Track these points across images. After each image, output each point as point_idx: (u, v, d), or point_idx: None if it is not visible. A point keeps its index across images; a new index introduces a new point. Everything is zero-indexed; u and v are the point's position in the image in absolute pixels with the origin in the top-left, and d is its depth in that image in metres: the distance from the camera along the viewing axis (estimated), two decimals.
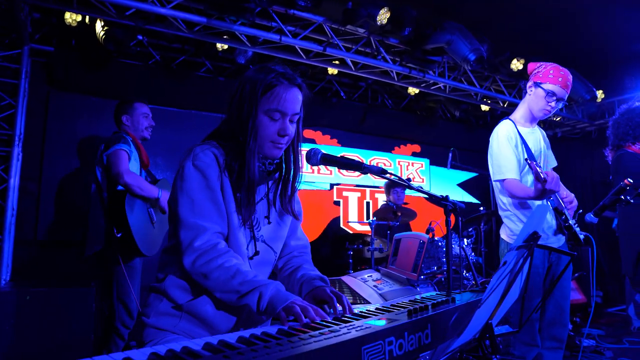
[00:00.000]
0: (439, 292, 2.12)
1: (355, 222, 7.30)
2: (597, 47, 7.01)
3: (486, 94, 6.99)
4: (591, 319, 6.58)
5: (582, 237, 3.03)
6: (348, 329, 1.19)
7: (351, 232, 7.36)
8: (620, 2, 5.85)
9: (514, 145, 3.05)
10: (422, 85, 6.61)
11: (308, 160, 1.85)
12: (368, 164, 1.91)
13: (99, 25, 4.90)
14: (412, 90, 7.12)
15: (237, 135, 1.72)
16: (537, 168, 2.47)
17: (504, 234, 3.18)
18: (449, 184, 8.62)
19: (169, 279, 1.68)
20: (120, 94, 4.63)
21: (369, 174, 1.93)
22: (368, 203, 7.63)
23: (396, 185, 6.23)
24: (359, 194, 7.61)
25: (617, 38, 6.82)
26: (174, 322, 1.63)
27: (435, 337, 1.34)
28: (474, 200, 8.77)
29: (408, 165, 8.24)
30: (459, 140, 8.21)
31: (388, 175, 1.96)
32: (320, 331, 1.19)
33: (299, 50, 5.55)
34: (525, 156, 3.06)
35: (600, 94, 7.56)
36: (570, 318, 6.25)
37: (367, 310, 1.57)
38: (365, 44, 5.77)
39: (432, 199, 2.25)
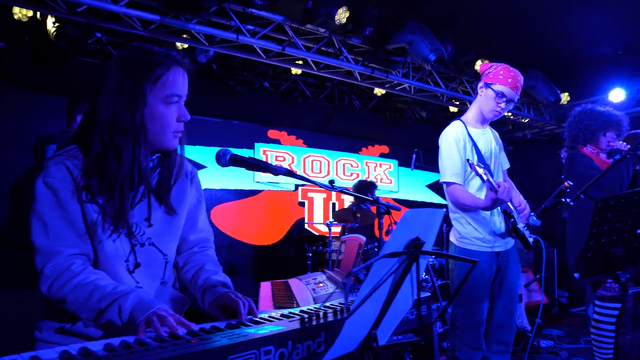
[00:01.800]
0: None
1: (320, 223, 7.24)
2: (562, 49, 7.05)
3: (452, 95, 6.98)
4: (554, 319, 6.72)
5: (531, 240, 3.01)
6: (220, 337, 1.13)
7: (316, 233, 7.30)
8: (584, 6, 5.88)
9: (462, 147, 3.01)
10: (386, 85, 6.57)
11: (218, 161, 1.76)
12: (274, 164, 1.82)
13: (50, 22, 4.77)
14: (379, 91, 7.08)
15: (109, 135, 1.52)
16: (479, 169, 2.42)
17: (452, 237, 3.14)
18: (417, 185, 8.61)
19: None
20: (78, 93, 4.50)
21: (331, 175, 1.85)
22: (334, 204, 7.58)
23: (365, 186, 6.17)
24: (324, 195, 7.55)
25: (581, 41, 6.86)
26: (65, 340, 1.53)
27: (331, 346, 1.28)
28: (443, 202, 8.75)
29: (376, 167, 8.21)
30: (428, 141, 8.17)
31: (314, 179, 1.89)
32: (188, 339, 1.13)
33: (259, 49, 5.47)
34: (475, 158, 3.03)
35: (565, 97, 7.60)
36: (532, 319, 6.30)
37: (269, 316, 1.50)
38: (327, 43, 5.71)
39: (362, 201, 2.20)
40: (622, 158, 2.41)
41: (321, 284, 2.85)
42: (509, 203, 2.92)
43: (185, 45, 5.51)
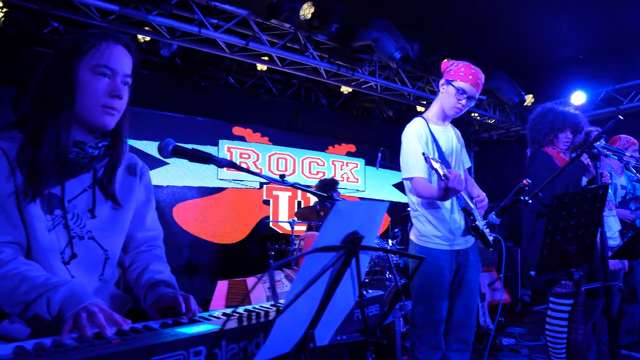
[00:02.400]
0: None
1: (285, 221, 7.15)
2: (527, 52, 7.16)
3: (419, 95, 7.00)
4: (517, 317, 6.80)
5: (491, 239, 2.99)
6: (147, 337, 1.04)
7: (281, 232, 7.22)
8: (547, 10, 5.96)
9: (424, 143, 2.97)
10: (352, 83, 6.54)
11: (160, 152, 1.65)
12: (218, 156, 1.74)
13: None
14: (346, 89, 7.05)
15: (37, 110, 1.48)
16: (435, 163, 2.39)
17: (412, 235, 3.10)
18: (384, 184, 8.61)
19: None
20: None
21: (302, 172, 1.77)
22: (299, 202, 7.50)
23: (330, 185, 6.11)
24: (289, 194, 7.47)
25: (545, 44, 6.97)
26: None
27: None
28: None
29: (342, 165, 8.16)
30: (394, 140, 8.11)
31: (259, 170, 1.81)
32: (109, 339, 1.04)
33: (223, 44, 5.36)
34: (436, 155, 3.00)
35: (530, 98, 7.70)
36: (495, 318, 6.35)
37: (210, 315, 1.43)
38: (293, 40, 5.64)
39: (317, 197, 2.14)
40: (577, 156, 2.42)
41: (278, 283, 2.78)
42: (468, 201, 2.90)
43: (147, 38, 5.36)
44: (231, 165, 1.67)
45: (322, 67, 5.91)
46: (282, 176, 2.00)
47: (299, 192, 7.57)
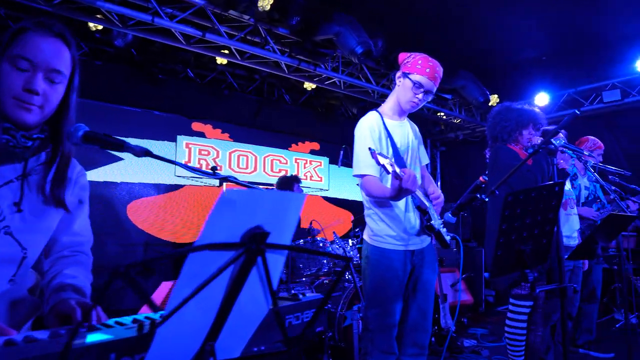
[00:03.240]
0: None
1: None
2: (492, 52, 7.13)
3: (383, 92, 6.89)
4: (480, 317, 6.76)
5: (448, 238, 2.87)
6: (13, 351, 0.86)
7: None
8: (512, 11, 5.94)
9: (377, 139, 2.83)
10: (315, 79, 6.39)
11: (68, 138, 1.48)
12: (133, 144, 1.55)
13: None
14: (309, 85, 6.89)
15: None
16: (382, 159, 2.24)
17: (365, 235, 2.96)
18: (348, 183, 8.47)
19: None
20: None
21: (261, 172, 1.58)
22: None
23: (292, 183, 5.94)
24: None
25: (510, 45, 6.96)
26: None
27: None
28: None
29: (306, 164, 8.00)
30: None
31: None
32: None
33: (179, 34, 5.13)
34: (390, 151, 2.86)
35: (494, 99, 7.70)
36: (458, 319, 6.31)
37: (116, 322, 1.24)
38: (254, 33, 5.46)
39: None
40: (534, 152, 2.32)
41: None
42: (423, 199, 2.77)
43: (100, 27, 5.10)
44: (146, 153, 1.49)
45: (283, 62, 5.74)
46: (214, 168, 1.82)
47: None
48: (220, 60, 6.14)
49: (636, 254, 6.38)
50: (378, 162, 2.25)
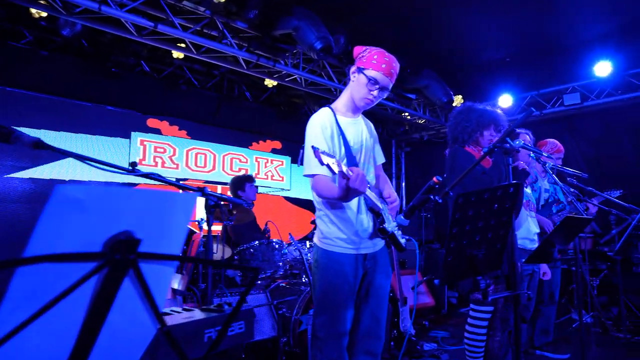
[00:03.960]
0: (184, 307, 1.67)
1: (204, 221, 6.71)
2: (456, 52, 7.08)
3: None
4: (443, 319, 6.70)
5: (403, 241, 2.74)
6: None
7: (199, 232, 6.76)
8: (476, 12, 5.89)
9: (328, 136, 2.68)
10: (275, 76, 6.20)
11: None
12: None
13: None
14: (270, 82, 6.70)
15: None
16: (326, 158, 2.09)
17: (315, 238, 2.80)
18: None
19: None
20: None
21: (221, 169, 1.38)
22: (243, 202, 7.06)
23: (244, 182, 5.75)
24: None
25: (474, 46, 6.92)
26: None
27: None
28: None
29: (267, 163, 7.81)
30: None
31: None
32: None
33: (130, 25, 4.88)
34: (342, 150, 2.71)
35: (458, 99, 7.67)
36: (420, 322, 6.23)
37: None
38: (210, 26, 5.25)
39: (187, 191, 1.81)
40: (489, 151, 2.20)
41: None
42: (376, 201, 2.63)
43: (44, 14, 4.81)
44: (37, 144, 1.30)
45: (241, 57, 5.53)
46: (134, 164, 1.63)
47: (219, 189, 7.15)
48: (177, 55, 5.90)
49: (592, 255, 6.44)
50: (321, 162, 2.09)
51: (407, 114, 8.25)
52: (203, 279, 5.04)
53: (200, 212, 5.83)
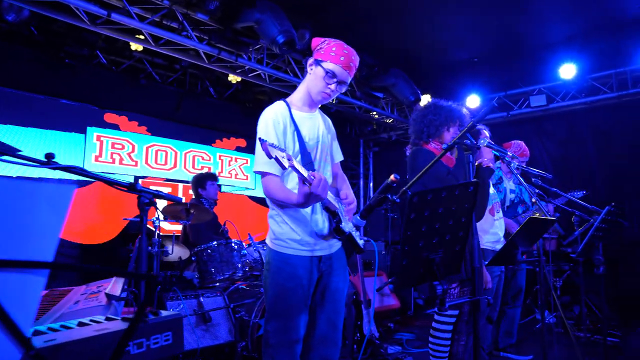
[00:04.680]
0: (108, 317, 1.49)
1: (164, 220, 6.47)
2: (426, 51, 7.01)
3: None
4: (409, 321, 6.62)
5: (361, 242, 2.60)
6: None
7: (161, 232, 6.50)
8: (444, 11, 5.82)
9: (281, 131, 2.52)
10: (238, 71, 6.01)
11: None
12: None
13: None
14: (234, 78, 6.50)
15: None
16: (275, 151, 1.93)
17: (268, 239, 2.64)
18: None
19: None
20: None
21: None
22: (180, 199, 6.82)
23: (205, 180, 5.55)
24: (169, 189, 6.79)
25: (442, 45, 6.86)
26: None
27: None
28: None
29: (231, 161, 7.60)
30: None
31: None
32: None
33: (82, 13, 4.62)
34: (297, 146, 2.56)
35: (426, 98, 7.60)
36: (385, 324, 6.12)
37: None
38: (170, 17, 5.03)
39: (116, 186, 1.64)
40: (449, 147, 2.09)
41: (93, 295, 2.21)
42: (333, 200, 2.49)
43: None
44: None
45: (202, 50, 5.32)
46: (50, 156, 1.45)
47: (180, 187, 6.93)
48: (136, 47, 5.66)
49: (556, 256, 6.47)
50: (269, 155, 1.94)
51: (375, 113, 8.15)
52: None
53: (158, 210, 5.63)
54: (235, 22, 4.89)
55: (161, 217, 4.84)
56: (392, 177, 2.16)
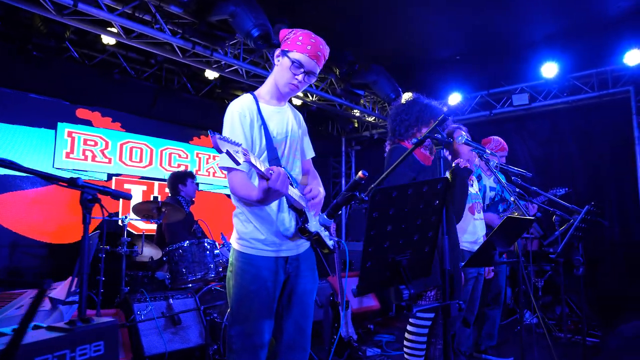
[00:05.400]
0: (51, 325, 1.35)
1: (139, 219, 6.29)
2: (407, 48, 6.90)
3: None
4: (390, 322, 6.51)
5: (331, 242, 2.47)
6: None
7: (134, 231, 6.35)
8: (427, 6, 5.71)
9: (247, 125, 2.39)
10: (214, 66, 5.84)
11: None
12: None
13: None
14: (212, 74, 6.34)
15: None
16: (228, 146, 1.80)
17: (232, 239, 2.51)
18: None
19: None
20: None
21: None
22: (156, 198, 6.65)
23: (185, 178, 5.41)
24: (144, 187, 6.60)
25: (424, 43, 6.76)
26: None
27: None
28: None
29: (208, 159, 7.44)
30: None
31: None
32: None
33: (48, 3, 4.42)
34: (263, 141, 2.43)
35: (407, 96, 7.47)
36: (365, 326, 5.99)
37: None
38: (143, 9, 4.86)
39: (55, 182, 1.50)
40: (419, 143, 1.97)
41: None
42: (298, 198, 2.36)
43: None
44: None
45: (176, 44, 5.15)
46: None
47: (156, 186, 6.74)
48: (107, 40, 5.47)
49: (538, 256, 6.42)
50: (219, 149, 1.81)
51: (356, 111, 8.03)
52: (126, 283, 4.67)
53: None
54: (209, 15, 4.74)
55: (134, 215, 4.69)
56: (360, 173, 2.04)
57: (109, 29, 5.07)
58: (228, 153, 1.84)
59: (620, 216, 6.84)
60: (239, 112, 2.40)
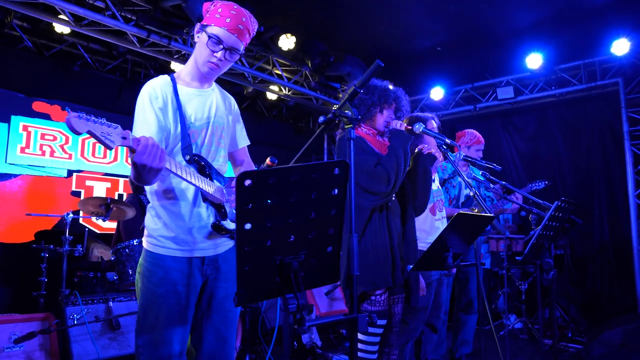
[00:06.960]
0: None
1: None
2: (386, 38, 6.59)
3: (262, 77, 6.15)
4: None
5: None
6: None
7: (98, 230, 6.05)
8: None
9: (159, 108, 2.11)
10: (175, 56, 5.54)
11: None
12: None
13: None
14: (178, 66, 6.01)
15: None
16: (89, 124, 1.51)
17: (143, 237, 2.21)
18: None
19: None
20: None
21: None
22: (121, 195, 6.34)
23: None
24: (108, 185, 6.28)
25: (403, 33, 6.45)
26: None
27: None
28: None
29: None
30: (248, 131, 7.30)
31: None
32: None
33: None
34: (179, 128, 2.14)
35: None
36: (337, 330, 5.69)
37: None
38: None
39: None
40: (327, 121, 1.68)
41: None
42: (216, 192, 2.07)
43: None
44: None
45: (130, 32, 4.85)
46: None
47: (121, 183, 6.44)
48: (61, 29, 5.16)
49: (519, 255, 6.10)
50: (75, 131, 1.51)
51: (335, 105, 7.72)
52: (75, 284, 4.39)
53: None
54: (163, 1, 4.43)
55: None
56: (267, 160, 1.74)
57: (60, 16, 4.77)
58: (91, 133, 1.54)
59: (610, 213, 6.56)
60: (149, 93, 2.13)
